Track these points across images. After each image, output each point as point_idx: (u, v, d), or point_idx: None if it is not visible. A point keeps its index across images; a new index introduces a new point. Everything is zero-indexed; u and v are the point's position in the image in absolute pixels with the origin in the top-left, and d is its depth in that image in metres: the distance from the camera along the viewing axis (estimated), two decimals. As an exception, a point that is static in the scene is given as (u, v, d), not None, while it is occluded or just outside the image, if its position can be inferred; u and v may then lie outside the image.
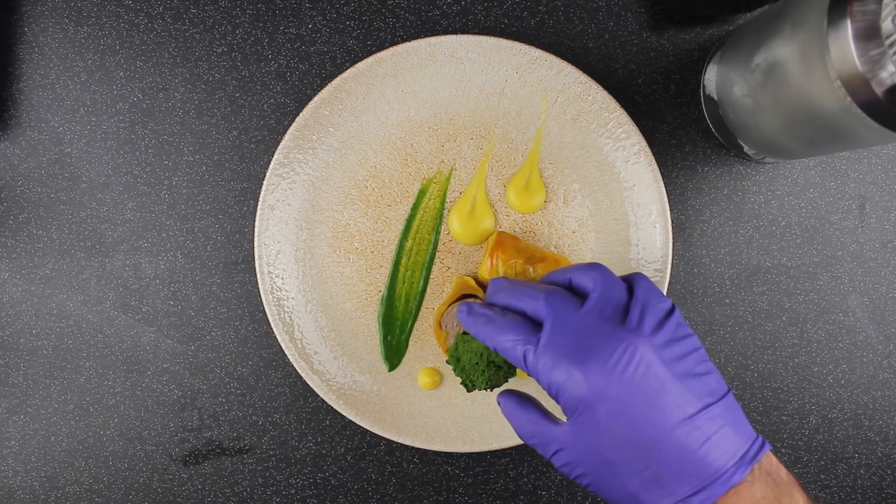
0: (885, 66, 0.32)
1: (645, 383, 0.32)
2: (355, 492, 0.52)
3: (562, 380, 0.33)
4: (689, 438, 0.31)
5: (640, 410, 0.32)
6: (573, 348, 0.33)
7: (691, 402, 0.32)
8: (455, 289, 0.49)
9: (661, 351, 0.32)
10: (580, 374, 0.32)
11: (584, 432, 0.33)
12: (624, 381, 0.32)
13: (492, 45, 0.49)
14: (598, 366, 0.32)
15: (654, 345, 0.32)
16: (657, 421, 0.31)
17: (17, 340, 0.52)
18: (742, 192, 0.51)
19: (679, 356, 0.33)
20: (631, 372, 0.32)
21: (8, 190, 0.51)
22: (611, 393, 0.32)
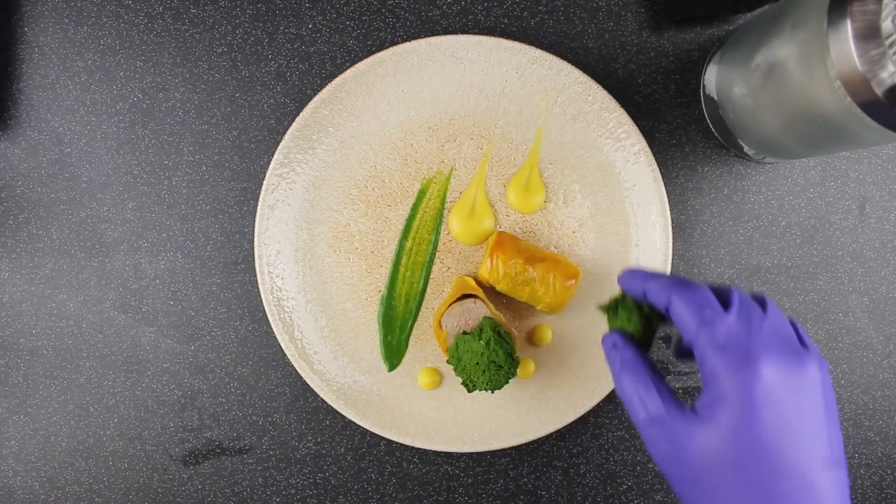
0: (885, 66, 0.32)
1: (810, 408, 0.30)
2: (355, 492, 0.52)
3: (732, 364, 0.30)
4: (822, 488, 0.29)
5: (794, 431, 0.29)
6: (756, 340, 0.30)
7: (836, 450, 0.30)
8: (455, 289, 0.49)
9: (826, 386, 0.31)
10: (759, 366, 0.29)
11: (718, 419, 0.30)
12: (796, 395, 0.29)
13: (492, 45, 0.49)
14: (781, 367, 0.30)
15: (824, 377, 0.31)
16: (804, 451, 0.29)
17: (17, 340, 0.52)
18: (742, 192, 0.51)
19: (831, 400, 0.31)
20: (805, 390, 0.30)
21: (8, 190, 0.51)
22: (779, 398, 0.29)
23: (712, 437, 0.30)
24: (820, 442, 0.29)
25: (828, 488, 0.29)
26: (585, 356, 0.50)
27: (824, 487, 0.29)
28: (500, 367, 0.46)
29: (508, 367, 0.46)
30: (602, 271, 0.50)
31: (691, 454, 0.30)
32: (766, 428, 0.29)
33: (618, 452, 0.52)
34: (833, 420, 0.31)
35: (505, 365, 0.46)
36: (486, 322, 0.46)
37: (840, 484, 0.30)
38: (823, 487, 0.29)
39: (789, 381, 0.30)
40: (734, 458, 0.29)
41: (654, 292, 0.34)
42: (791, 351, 0.30)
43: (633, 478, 0.52)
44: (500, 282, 0.47)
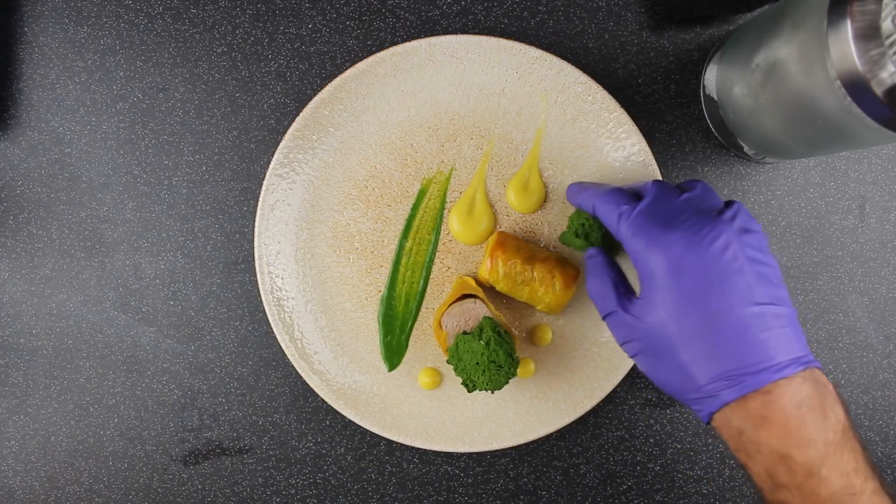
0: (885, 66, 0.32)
1: (724, 262, 0.33)
2: (355, 492, 0.52)
3: (645, 245, 0.34)
4: (753, 321, 0.32)
5: (714, 283, 0.33)
6: (665, 218, 0.35)
7: (762, 295, 0.33)
8: (455, 289, 0.49)
9: (745, 247, 0.34)
10: (666, 240, 0.34)
11: (652, 299, 0.34)
12: (706, 254, 0.33)
13: (492, 45, 0.49)
14: (685, 235, 0.33)
15: (741, 238, 0.34)
16: (727, 296, 0.33)
17: (17, 340, 0.52)
18: (742, 192, 0.51)
19: (759, 260, 0.34)
20: (714, 249, 0.33)
21: (8, 190, 0.51)
22: (690, 261, 0.33)
23: (650, 313, 0.34)
24: (739, 289, 0.33)
25: (759, 323, 0.32)
26: (585, 356, 0.50)
27: (754, 322, 0.32)
28: (500, 367, 0.46)
29: (508, 367, 0.46)
30: (602, 271, 0.50)
31: (640, 332, 0.35)
32: (686, 289, 0.33)
33: (618, 452, 0.52)
34: (757, 270, 0.34)
35: (505, 365, 0.45)
36: (486, 322, 0.46)
37: (772, 314, 0.33)
38: (753, 322, 0.32)
39: (697, 246, 0.33)
40: (670, 324, 0.34)
41: (584, 203, 0.41)
42: (700, 221, 0.34)
43: (633, 478, 0.52)
44: (500, 282, 0.47)
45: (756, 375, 0.32)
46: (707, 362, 0.33)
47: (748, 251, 0.34)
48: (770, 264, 0.34)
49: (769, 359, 0.32)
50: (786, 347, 0.33)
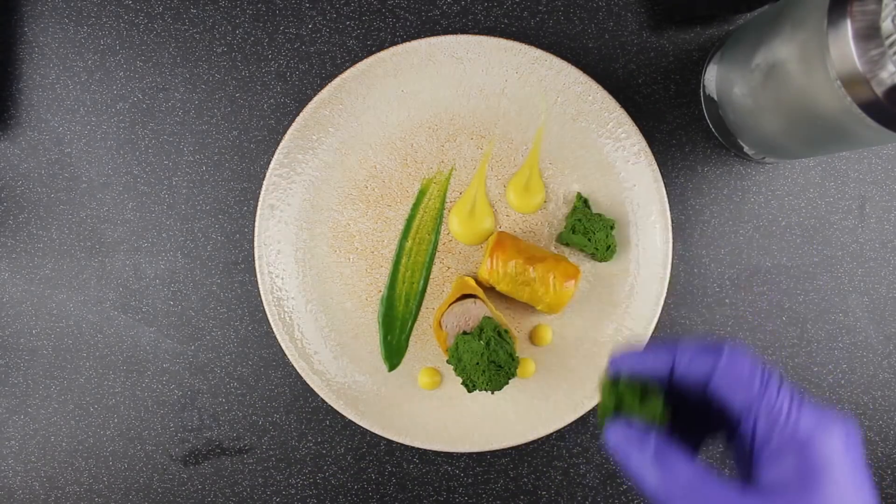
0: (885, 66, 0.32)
1: (859, 470, 0.28)
2: (355, 492, 0.52)
3: (815, 422, 0.28)
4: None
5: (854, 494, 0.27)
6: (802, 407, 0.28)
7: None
8: (455, 289, 0.49)
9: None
10: (837, 422, 0.28)
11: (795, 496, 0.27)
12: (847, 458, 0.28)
13: (492, 45, 0.49)
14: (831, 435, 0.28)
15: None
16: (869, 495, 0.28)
17: (17, 340, 0.52)
18: (742, 192, 0.51)
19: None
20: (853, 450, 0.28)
21: (8, 190, 0.51)
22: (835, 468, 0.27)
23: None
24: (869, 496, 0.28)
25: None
26: (585, 356, 0.50)
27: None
28: (500, 367, 0.46)
29: (508, 367, 0.46)
30: (602, 272, 0.50)
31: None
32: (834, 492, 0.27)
33: (618, 452, 0.52)
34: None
35: (505, 365, 0.46)
36: (486, 322, 0.46)
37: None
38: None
39: (838, 445, 0.28)
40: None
41: (690, 366, 0.30)
42: (825, 413, 0.28)
43: (633, 478, 0.52)
44: (500, 282, 0.47)
45: None
46: None
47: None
48: None
49: None
50: None
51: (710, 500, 0.27)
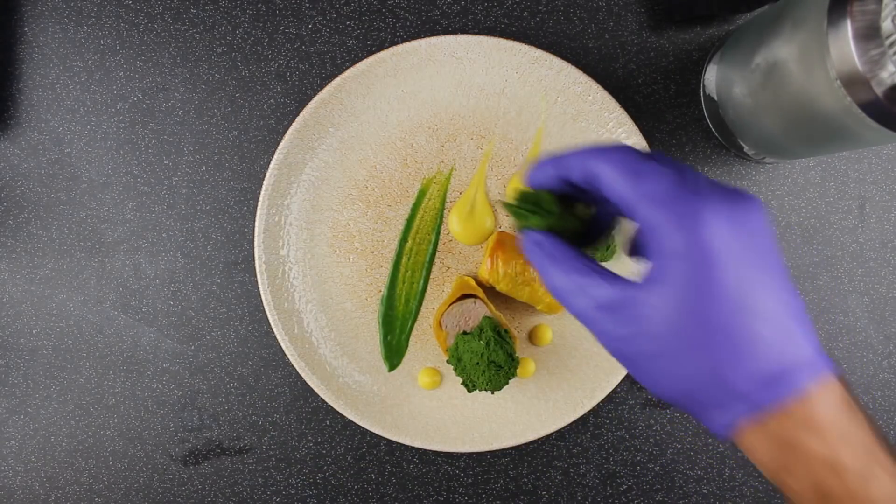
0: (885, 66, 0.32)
1: (762, 244, 0.28)
2: (355, 492, 0.52)
3: (675, 216, 0.27)
4: (792, 313, 0.27)
5: (752, 267, 0.27)
6: (693, 187, 0.27)
7: (788, 282, 0.28)
8: (455, 289, 0.49)
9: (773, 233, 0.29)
10: (703, 212, 0.27)
11: (676, 283, 0.27)
12: (745, 233, 0.27)
13: (492, 45, 0.49)
14: (723, 208, 0.27)
15: (769, 224, 0.28)
16: (766, 284, 0.27)
17: (17, 340, 0.52)
18: (742, 192, 0.51)
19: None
20: (752, 227, 0.27)
21: (8, 190, 0.51)
22: (729, 240, 0.27)
23: (671, 299, 0.27)
24: (776, 277, 0.27)
25: (795, 313, 0.28)
26: (585, 356, 0.50)
27: (793, 312, 0.27)
28: (500, 367, 0.46)
29: (508, 367, 0.46)
30: (602, 271, 0.50)
31: (653, 326, 0.28)
32: (727, 278, 0.27)
33: (618, 452, 0.52)
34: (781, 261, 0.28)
35: (505, 365, 0.46)
36: (486, 322, 0.46)
37: (802, 307, 0.28)
38: (792, 312, 0.27)
39: (738, 226, 0.27)
40: (697, 314, 0.27)
41: (574, 168, 0.30)
42: (732, 194, 0.28)
43: (633, 478, 0.52)
44: (500, 282, 0.47)
45: (800, 374, 0.27)
46: (742, 360, 0.27)
47: (772, 231, 0.29)
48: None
49: (809, 355, 0.27)
50: (815, 342, 0.28)
51: (598, 297, 0.29)
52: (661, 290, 0.27)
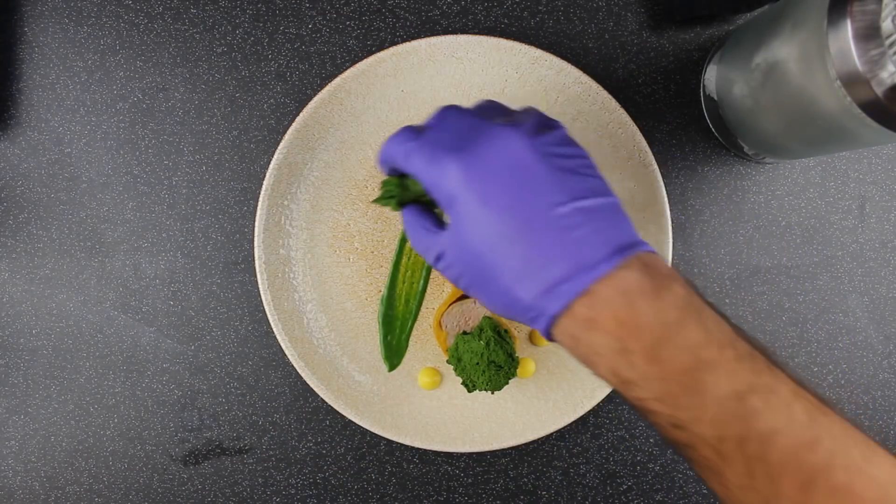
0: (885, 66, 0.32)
1: (517, 172, 0.31)
2: (355, 492, 0.52)
3: (436, 174, 0.32)
4: (562, 223, 0.30)
5: (509, 198, 0.30)
6: (449, 141, 0.32)
7: (566, 193, 0.31)
8: (455, 289, 0.49)
9: (539, 145, 0.31)
10: (451, 164, 0.31)
11: (457, 227, 0.32)
12: (493, 168, 0.31)
13: (492, 45, 0.49)
14: (468, 154, 0.31)
15: (531, 139, 0.31)
16: (528, 205, 0.30)
17: (17, 340, 0.52)
18: (742, 192, 0.51)
19: (559, 154, 0.32)
20: (501, 159, 0.31)
21: (8, 190, 0.51)
22: (479, 180, 0.31)
23: (462, 241, 0.32)
24: (540, 194, 0.30)
25: (567, 224, 0.30)
26: (585, 356, 0.50)
27: (561, 225, 0.30)
28: (500, 367, 0.46)
29: (508, 367, 0.46)
30: (602, 271, 0.50)
31: (457, 267, 0.33)
32: (487, 207, 0.31)
33: (618, 452, 0.52)
34: (557, 166, 0.31)
35: (505, 365, 0.46)
36: (486, 322, 0.46)
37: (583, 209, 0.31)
38: (559, 225, 0.30)
39: (486, 159, 0.31)
40: (481, 247, 0.31)
41: (384, 159, 0.36)
42: (486, 133, 0.32)
43: (633, 478, 0.52)
44: (500, 282, 0.47)
45: (574, 280, 0.30)
46: (526, 280, 0.30)
47: (544, 149, 0.31)
48: (573, 155, 0.32)
49: (584, 259, 0.30)
50: (602, 241, 0.30)
51: (430, 250, 0.34)
52: (448, 239, 0.33)
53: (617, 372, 0.30)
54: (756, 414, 0.28)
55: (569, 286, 0.30)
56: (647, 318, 0.29)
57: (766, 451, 0.28)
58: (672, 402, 0.29)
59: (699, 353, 0.29)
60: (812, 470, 0.28)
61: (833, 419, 0.29)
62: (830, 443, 0.28)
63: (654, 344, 0.29)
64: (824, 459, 0.28)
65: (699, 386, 0.29)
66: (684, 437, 0.30)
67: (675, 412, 0.29)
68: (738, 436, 0.28)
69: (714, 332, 0.29)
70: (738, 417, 0.28)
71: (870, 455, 0.28)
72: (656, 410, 0.30)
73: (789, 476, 0.28)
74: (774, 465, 0.28)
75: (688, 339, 0.29)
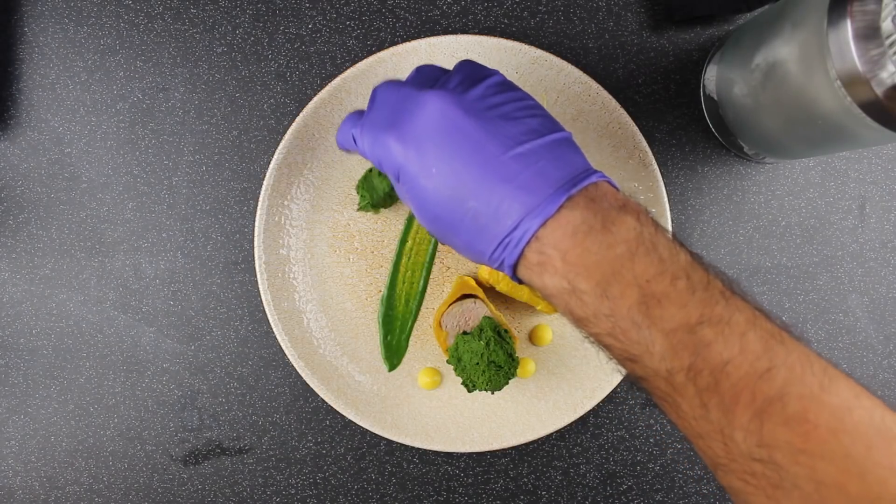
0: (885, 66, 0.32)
1: (449, 133, 0.31)
2: (355, 492, 0.52)
3: (380, 153, 0.33)
4: (501, 174, 0.30)
5: (448, 160, 0.31)
6: (386, 118, 0.33)
7: (500, 142, 0.31)
8: (455, 289, 0.49)
9: (466, 101, 0.31)
10: (390, 140, 0.32)
11: (409, 198, 0.33)
12: (426, 135, 0.31)
13: (492, 45, 0.49)
14: (400, 127, 0.32)
15: (457, 97, 0.31)
16: (467, 165, 0.30)
17: (17, 340, 0.52)
18: (742, 192, 0.51)
19: (490, 105, 0.32)
20: (430, 124, 0.31)
21: (8, 190, 0.51)
22: (416, 149, 0.31)
23: (421, 212, 0.33)
24: (476, 150, 0.31)
25: (505, 174, 0.30)
26: (585, 356, 0.50)
27: (499, 176, 0.30)
28: (500, 367, 0.46)
29: (508, 367, 0.46)
30: (602, 271, 0.50)
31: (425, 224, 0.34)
32: (432, 175, 0.31)
33: (618, 452, 0.52)
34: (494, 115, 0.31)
35: (505, 365, 0.46)
36: (486, 322, 0.46)
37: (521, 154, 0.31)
38: (497, 177, 0.30)
39: (414, 126, 0.31)
40: (438, 214, 0.32)
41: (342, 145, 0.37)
42: (412, 101, 0.32)
43: (633, 478, 0.52)
44: (501, 282, 0.47)
45: (520, 228, 0.30)
46: (482, 235, 0.31)
47: (472, 104, 0.31)
48: (506, 101, 0.32)
49: (528, 204, 0.30)
50: (543, 182, 0.30)
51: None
52: (411, 203, 0.33)
53: (571, 310, 0.31)
54: (707, 345, 0.28)
55: (517, 234, 0.30)
56: (595, 256, 0.29)
57: (718, 382, 0.28)
58: (623, 337, 0.29)
59: (649, 287, 0.29)
60: (765, 399, 0.27)
61: (791, 347, 0.28)
62: (786, 371, 0.28)
63: (602, 281, 0.29)
64: (778, 388, 0.27)
65: (648, 321, 0.29)
66: (639, 370, 0.30)
67: (627, 347, 0.30)
68: (689, 367, 0.28)
69: (667, 263, 0.29)
70: (688, 349, 0.28)
71: (826, 383, 0.28)
72: (610, 345, 0.30)
73: (742, 406, 0.27)
74: (727, 395, 0.28)
75: (637, 274, 0.29)
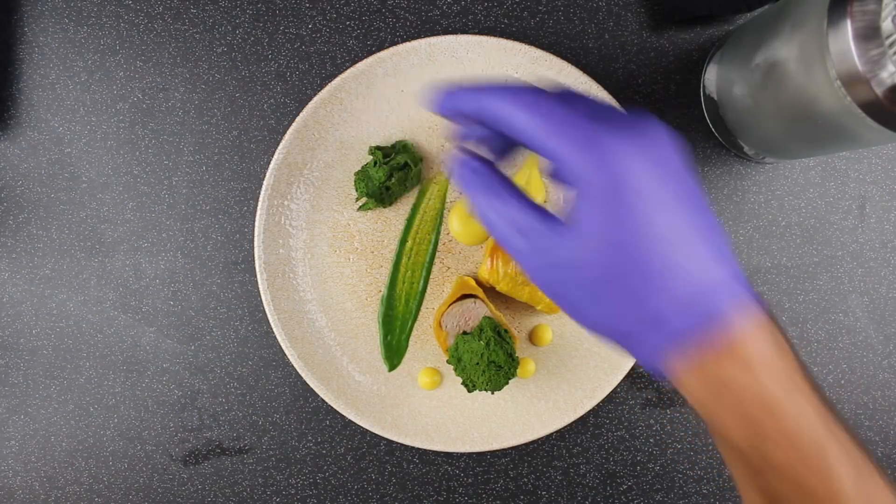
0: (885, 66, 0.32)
1: (671, 171, 0.27)
2: (355, 492, 0.52)
3: (581, 143, 0.26)
4: (705, 240, 0.26)
5: (665, 193, 0.26)
6: (593, 115, 0.27)
7: (702, 215, 0.27)
8: (455, 289, 0.49)
9: (681, 153, 0.28)
10: (608, 138, 0.26)
11: (595, 214, 0.26)
12: (663, 159, 0.26)
13: (492, 45, 0.49)
14: (629, 134, 0.26)
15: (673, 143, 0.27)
16: (681, 209, 0.26)
17: (17, 340, 0.52)
18: (742, 192, 0.51)
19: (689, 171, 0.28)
20: (660, 153, 0.26)
21: (8, 190, 0.51)
22: (640, 166, 0.26)
23: (590, 234, 0.27)
24: (691, 200, 0.27)
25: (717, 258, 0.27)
26: (585, 356, 0.50)
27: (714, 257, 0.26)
28: (500, 367, 0.46)
29: (508, 367, 0.46)
30: (602, 271, 0.50)
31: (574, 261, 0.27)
32: (639, 208, 0.26)
33: (618, 452, 0.52)
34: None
35: (505, 365, 0.46)
36: (486, 322, 0.46)
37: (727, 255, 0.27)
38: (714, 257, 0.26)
39: (646, 154, 0.26)
40: (623, 243, 0.26)
41: (479, 108, 0.29)
42: (638, 121, 0.27)
43: (633, 478, 0.52)
44: (501, 282, 0.47)
45: (712, 295, 0.26)
46: (657, 287, 0.26)
47: (680, 152, 0.28)
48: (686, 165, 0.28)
49: (723, 278, 0.26)
50: (732, 268, 0.27)
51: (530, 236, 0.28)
52: (580, 227, 0.27)
53: (755, 424, 0.27)
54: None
55: (710, 299, 0.26)
56: (787, 371, 0.26)
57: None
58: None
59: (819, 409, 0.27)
60: None
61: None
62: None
63: (799, 401, 0.27)
64: None
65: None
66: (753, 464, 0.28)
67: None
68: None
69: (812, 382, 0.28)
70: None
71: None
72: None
73: None
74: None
75: (812, 401, 0.27)
